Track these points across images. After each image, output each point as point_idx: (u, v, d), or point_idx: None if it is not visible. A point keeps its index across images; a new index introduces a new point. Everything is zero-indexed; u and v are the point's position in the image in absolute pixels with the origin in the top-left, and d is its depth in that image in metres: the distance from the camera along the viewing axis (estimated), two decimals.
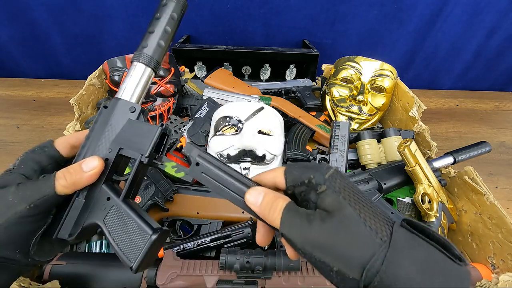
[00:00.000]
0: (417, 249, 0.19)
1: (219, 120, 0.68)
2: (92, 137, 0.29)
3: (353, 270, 0.20)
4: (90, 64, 0.83)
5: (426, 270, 0.19)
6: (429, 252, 0.19)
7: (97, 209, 0.27)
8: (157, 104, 0.76)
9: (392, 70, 0.80)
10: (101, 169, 0.27)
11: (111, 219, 0.27)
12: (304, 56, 0.98)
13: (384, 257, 0.19)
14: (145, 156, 0.28)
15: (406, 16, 1.01)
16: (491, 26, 1.02)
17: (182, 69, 0.87)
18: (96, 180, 0.28)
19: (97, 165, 0.27)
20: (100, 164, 0.27)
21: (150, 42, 0.31)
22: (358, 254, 0.20)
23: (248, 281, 0.45)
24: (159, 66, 0.32)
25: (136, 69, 0.31)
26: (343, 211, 0.21)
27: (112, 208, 0.27)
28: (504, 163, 0.85)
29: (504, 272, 0.45)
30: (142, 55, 0.31)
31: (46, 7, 0.99)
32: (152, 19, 0.31)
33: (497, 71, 1.16)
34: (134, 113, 0.29)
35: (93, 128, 0.29)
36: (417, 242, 0.20)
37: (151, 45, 0.31)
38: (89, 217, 0.27)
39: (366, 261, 0.19)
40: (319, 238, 0.21)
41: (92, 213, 0.27)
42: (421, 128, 0.70)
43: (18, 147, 0.83)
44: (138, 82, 0.31)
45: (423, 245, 0.20)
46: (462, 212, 0.60)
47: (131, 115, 0.29)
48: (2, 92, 1.05)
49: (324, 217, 0.21)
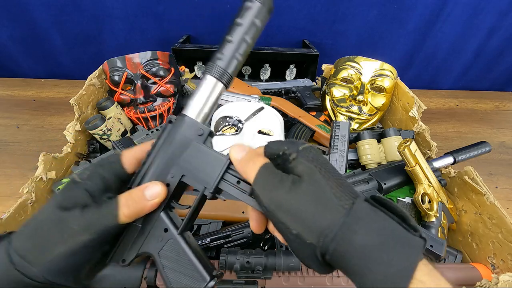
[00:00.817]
0: (374, 219, 0.20)
1: (219, 120, 0.68)
2: (154, 154, 0.27)
3: (312, 235, 0.20)
4: (90, 64, 0.83)
5: (381, 238, 0.19)
6: (386, 222, 0.20)
7: (153, 239, 0.26)
8: (157, 104, 0.76)
9: (392, 70, 0.80)
10: (164, 196, 0.26)
11: (166, 253, 0.25)
12: (304, 56, 0.98)
13: (341, 224, 0.20)
14: (210, 192, 0.25)
15: (406, 16, 1.01)
16: (491, 26, 1.02)
17: (182, 69, 0.88)
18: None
19: (160, 193, 0.26)
20: (164, 192, 0.26)
21: (226, 53, 0.27)
22: (319, 219, 0.20)
23: (248, 281, 0.45)
24: (231, 82, 0.28)
25: (207, 83, 0.28)
26: (312, 176, 0.22)
27: (169, 241, 0.26)
28: (504, 163, 0.85)
29: (504, 272, 0.45)
30: (215, 68, 0.27)
31: (46, 7, 0.99)
32: (233, 25, 0.27)
33: (497, 71, 1.15)
34: (202, 137, 0.27)
35: (156, 144, 0.27)
36: (376, 214, 0.20)
37: (226, 56, 0.27)
38: (145, 246, 0.26)
39: (325, 226, 0.20)
40: (285, 199, 0.21)
41: (148, 242, 0.26)
42: (421, 128, 0.70)
43: (18, 147, 0.83)
44: (207, 98, 0.28)
45: (381, 215, 0.20)
46: (462, 212, 0.60)
47: (197, 138, 0.27)
48: (2, 92, 1.05)
49: (296, 181, 0.22)
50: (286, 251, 0.48)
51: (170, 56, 0.80)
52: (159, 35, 1.08)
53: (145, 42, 1.09)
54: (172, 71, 0.78)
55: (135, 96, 0.74)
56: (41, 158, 0.55)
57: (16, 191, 0.52)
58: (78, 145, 0.67)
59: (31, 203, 0.52)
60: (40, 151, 0.57)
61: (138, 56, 0.74)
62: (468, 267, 0.52)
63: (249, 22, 0.26)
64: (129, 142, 0.64)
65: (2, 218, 0.47)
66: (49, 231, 0.23)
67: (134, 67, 0.74)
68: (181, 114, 0.28)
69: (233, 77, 0.28)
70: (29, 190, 0.52)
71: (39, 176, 0.54)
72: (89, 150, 0.71)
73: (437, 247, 0.50)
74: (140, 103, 0.74)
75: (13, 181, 0.73)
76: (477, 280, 0.45)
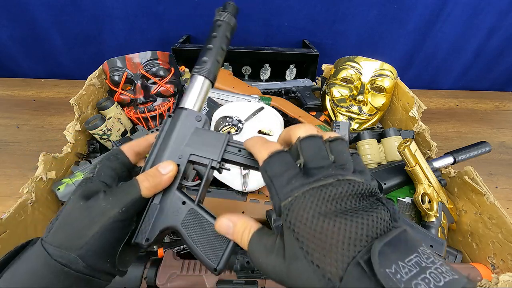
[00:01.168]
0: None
1: (219, 120, 0.68)
2: (159, 145, 0.30)
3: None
4: (90, 64, 0.83)
5: None
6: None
7: (172, 213, 0.28)
8: (157, 104, 0.76)
9: (392, 70, 0.80)
10: (175, 172, 0.28)
11: (188, 223, 0.28)
12: (304, 56, 0.98)
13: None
14: (217, 162, 0.29)
15: (406, 16, 1.01)
16: (491, 26, 1.02)
17: (182, 69, 0.88)
18: (170, 185, 0.28)
19: (172, 168, 0.28)
20: (175, 167, 0.28)
21: (209, 57, 0.33)
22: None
23: (248, 281, 0.45)
24: (215, 80, 0.34)
25: (197, 81, 0.33)
26: (292, 250, 0.19)
27: (188, 212, 0.28)
28: (504, 163, 0.85)
29: (504, 272, 0.45)
30: (202, 69, 0.33)
31: (46, 7, 0.99)
32: (209, 37, 0.34)
33: (497, 71, 1.15)
34: (200, 122, 0.31)
35: (159, 136, 0.31)
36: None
37: (209, 60, 0.33)
38: (166, 221, 0.28)
39: None
40: (273, 270, 0.21)
41: (167, 218, 0.28)
42: (421, 128, 0.70)
43: (18, 147, 0.83)
44: (199, 92, 0.33)
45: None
46: (462, 212, 0.60)
47: (197, 124, 0.31)
48: (2, 92, 1.05)
49: (279, 250, 0.21)
50: None
51: (170, 56, 0.80)
52: (159, 35, 1.08)
53: (145, 42, 1.09)
54: (172, 71, 0.78)
55: (135, 96, 0.74)
56: (41, 158, 0.55)
57: (16, 191, 0.52)
58: (78, 145, 0.67)
59: (31, 203, 0.52)
60: (40, 151, 0.57)
61: (138, 56, 0.74)
62: (468, 267, 0.52)
63: (222, 34, 0.34)
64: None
65: (2, 218, 0.47)
66: (79, 218, 0.25)
67: (134, 67, 0.74)
68: (180, 108, 0.32)
69: (216, 76, 0.34)
70: (29, 190, 0.52)
71: (39, 176, 0.54)
72: (89, 150, 0.71)
73: (437, 247, 0.50)
74: (140, 103, 0.74)
75: (13, 181, 0.73)
76: (477, 280, 0.45)
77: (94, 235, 0.24)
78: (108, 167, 0.29)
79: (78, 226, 0.24)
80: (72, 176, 0.59)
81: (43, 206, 0.55)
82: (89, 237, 0.24)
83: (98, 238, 0.24)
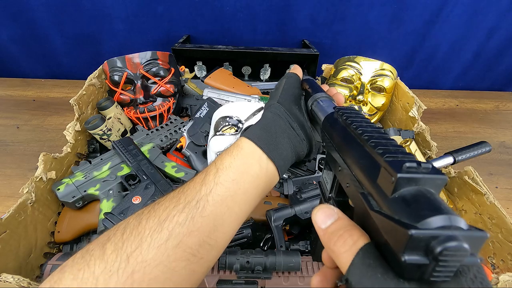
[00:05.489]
0: None
1: (219, 120, 0.68)
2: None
3: None
4: (90, 64, 0.83)
5: None
6: None
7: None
8: (157, 104, 0.76)
9: (392, 70, 0.80)
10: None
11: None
12: (304, 56, 0.98)
13: None
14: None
15: (406, 16, 1.01)
16: (491, 26, 1.02)
17: (182, 69, 0.88)
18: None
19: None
20: None
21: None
22: None
23: (248, 281, 0.45)
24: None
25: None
26: None
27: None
28: (504, 163, 0.85)
29: (504, 272, 0.45)
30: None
31: (46, 7, 0.99)
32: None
33: (497, 71, 1.15)
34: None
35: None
36: None
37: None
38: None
39: None
40: None
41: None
42: (421, 128, 0.70)
43: (18, 147, 0.83)
44: None
45: None
46: (462, 212, 0.60)
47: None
48: (2, 92, 1.05)
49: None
50: (286, 251, 0.48)
51: (170, 56, 0.80)
52: (159, 35, 1.08)
53: (145, 42, 1.09)
54: (172, 71, 0.78)
55: (135, 96, 0.74)
56: (41, 158, 0.55)
57: (16, 191, 0.52)
58: (78, 145, 0.67)
59: (31, 203, 0.52)
60: (40, 151, 0.57)
61: (138, 56, 0.74)
62: None
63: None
64: (129, 142, 0.64)
65: (2, 218, 0.47)
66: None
67: (134, 67, 0.74)
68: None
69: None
70: (29, 190, 0.52)
71: (39, 176, 0.54)
72: (89, 150, 0.71)
73: None
74: (140, 103, 0.74)
75: (13, 181, 0.73)
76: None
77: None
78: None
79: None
80: (72, 176, 0.59)
81: (43, 206, 0.55)
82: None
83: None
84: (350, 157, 0.23)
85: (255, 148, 0.31)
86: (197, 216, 0.26)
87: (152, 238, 0.24)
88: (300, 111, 0.37)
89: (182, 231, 0.25)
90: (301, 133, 0.35)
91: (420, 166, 0.15)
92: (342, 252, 0.17)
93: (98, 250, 0.23)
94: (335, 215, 0.20)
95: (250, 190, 0.30)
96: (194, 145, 0.69)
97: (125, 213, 0.52)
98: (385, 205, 0.16)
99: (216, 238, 0.27)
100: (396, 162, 0.16)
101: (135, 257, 0.23)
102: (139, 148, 0.64)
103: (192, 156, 0.67)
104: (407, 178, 0.15)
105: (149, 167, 0.61)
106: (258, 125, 0.34)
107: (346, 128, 0.25)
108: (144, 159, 0.62)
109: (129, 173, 0.61)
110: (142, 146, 0.67)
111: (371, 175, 0.19)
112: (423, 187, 0.16)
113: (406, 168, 0.15)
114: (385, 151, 0.18)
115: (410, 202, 0.15)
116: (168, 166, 0.64)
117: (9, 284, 0.38)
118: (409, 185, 0.16)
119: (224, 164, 0.30)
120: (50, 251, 0.54)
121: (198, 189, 0.28)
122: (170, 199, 0.27)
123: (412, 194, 0.15)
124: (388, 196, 0.16)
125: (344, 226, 0.19)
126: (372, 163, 0.19)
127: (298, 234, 0.59)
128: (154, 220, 0.25)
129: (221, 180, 0.28)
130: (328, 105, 0.34)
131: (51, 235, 0.56)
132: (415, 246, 0.13)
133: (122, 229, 0.25)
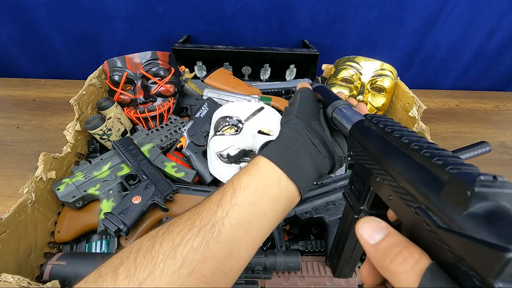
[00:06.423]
0: None
1: (219, 120, 0.68)
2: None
3: None
4: (90, 64, 0.83)
5: None
6: None
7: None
8: (157, 104, 0.76)
9: (392, 70, 0.80)
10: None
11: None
12: (304, 56, 0.98)
13: None
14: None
15: (406, 16, 1.01)
16: (491, 26, 1.02)
17: (182, 69, 0.88)
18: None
19: None
20: None
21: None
22: None
23: (248, 281, 0.45)
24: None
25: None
26: None
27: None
28: (504, 163, 0.85)
29: None
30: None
31: (46, 7, 0.99)
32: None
33: (497, 71, 1.15)
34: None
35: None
36: None
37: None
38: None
39: None
40: None
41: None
42: (421, 128, 0.70)
43: (18, 147, 0.83)
44: None
45: None
46: None
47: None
48: (2, 92, 1.05)
49: None
50: (286, 251, 0.48)
51: (170, 56, 0.80)
52: (159, 35, 1.08)
53: (145, 42, 1.09)
54: (172, 71, 0.78)
55: (135, 96, 0.74)
56: (41, 158, 0.55)
57: (16, 191, 0.52)
58: (78, 145, 0.67)
59: (31, 203, 0.52)
60: (40, 151, 0.57)
61: (138, 56, 0.74)
62: None
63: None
64: (129, 142, 0.64)
65: (2, 218, 0.47)
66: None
67: (134, 67, 0.74)
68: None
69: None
70: (29, 190, 0.52)
71: (39, 176, 0.54)
72: (89, 150, 0.71)
73: None
74: (140, 103, 0.74)
75: (13, 181, 0.73)
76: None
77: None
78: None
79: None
80: (72, 176, 0.59)
81: (43, 206, 0.55)
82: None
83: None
84: (395, 168, 0.21)
85: (274, 168, 0.30)
86: (212, 241, 0.25)
87: (166, 265, 0.23)
88: (320, 126, 0.35)
89: (197, 257, 0.24)
90: (323, 150, 0.33)
91: (496, 180, 0.14)
92: (402, 272, 0.16)
93: (110, 275, 0.23)
94: (384, 230, 0.18)
95: (269, 212, 0.29)
96: (194, 145, 0.69)
97: (125, 213, 0.51)
98: (456, 223, 0.15)
99: (230, 266, 0.26)
100: (465, 175, 0.15)
101: (147, 284, 0.22)
102: (139, 148, 0.64)
103: (192, 156, 0.67)
104: (484, 193, 0.14)
105: (149, 167, 0.61)
106: (277, 143, 0.33)
107: (383, 137, 0.24)
108: (144, 159, 0.62)
109: (129, 173, 0.61)
110: (142, 146, 0.67)
111: (428, 188, 0.17)
112: (499, 203, 0.14)
113: (482, 182, 0.14)
114: (446, 162, 0.16)
115: (492, 220, 0.14)
116: (168, 166, 0.64)
117: (9, 284, 0.38)
118: (485, 200, 0.14)
119: (242, 184, 0.29)
120: (50, 251, 0.54)
121: (214, 211, 0.27)
122: (185, 220, 0.26)
123: (492, 211, 0.14)
124: (461, 213, 0.14)
125: (400, 243, 0.17)
126: (426, 174, 0.18)
127: (298, 234, 0.59)
128: (168, 244, 0.24)
129: (238, 202, 0.27)
130: (352, 113, 0.32)
131: (51, 235, 0.56)
132: (511, 271, 0.12)
133: (135, 252, 0.24)
